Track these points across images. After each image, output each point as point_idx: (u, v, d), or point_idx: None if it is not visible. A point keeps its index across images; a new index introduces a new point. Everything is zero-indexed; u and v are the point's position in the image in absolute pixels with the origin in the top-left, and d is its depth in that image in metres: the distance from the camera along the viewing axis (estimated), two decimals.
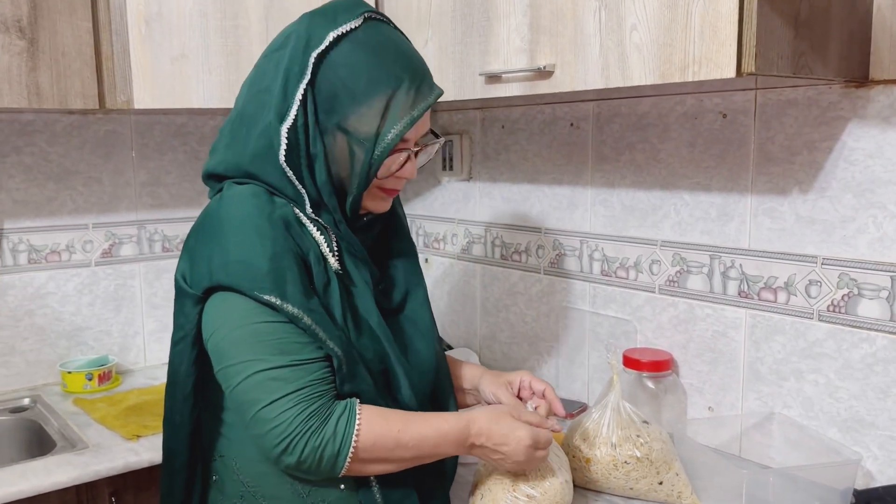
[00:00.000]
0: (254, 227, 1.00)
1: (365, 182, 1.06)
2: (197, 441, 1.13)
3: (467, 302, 2.02)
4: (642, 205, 1.57)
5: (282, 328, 0.99)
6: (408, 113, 1.04)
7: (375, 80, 1.03)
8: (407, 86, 1.04)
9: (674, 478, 1.25)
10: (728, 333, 1.44)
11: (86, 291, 1.95)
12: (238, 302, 0.99)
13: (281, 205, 1.04)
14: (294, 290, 0.99)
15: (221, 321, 1.01)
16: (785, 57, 1.06)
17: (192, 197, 2.08)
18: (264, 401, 0.98)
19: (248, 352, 0.99)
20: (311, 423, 0.97)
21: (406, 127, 1.04)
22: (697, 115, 1.46)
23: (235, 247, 1.00)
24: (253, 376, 0.98)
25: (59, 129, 1.89)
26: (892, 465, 1.25)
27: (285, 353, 0.99)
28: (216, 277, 1.00)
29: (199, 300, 1.03)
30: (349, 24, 1.04)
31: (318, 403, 0.99)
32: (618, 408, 1.27)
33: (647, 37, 1.13)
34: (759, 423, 1.40)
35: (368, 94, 1.03)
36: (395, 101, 1.03)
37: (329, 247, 1.07)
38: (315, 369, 1.00)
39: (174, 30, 1.62)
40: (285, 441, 0.97)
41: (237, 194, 1.04)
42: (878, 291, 1.24)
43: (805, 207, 1.32)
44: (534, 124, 1.78)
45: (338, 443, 0.98)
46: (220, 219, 1.03)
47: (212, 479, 1.14)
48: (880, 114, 1.22)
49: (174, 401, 1.11)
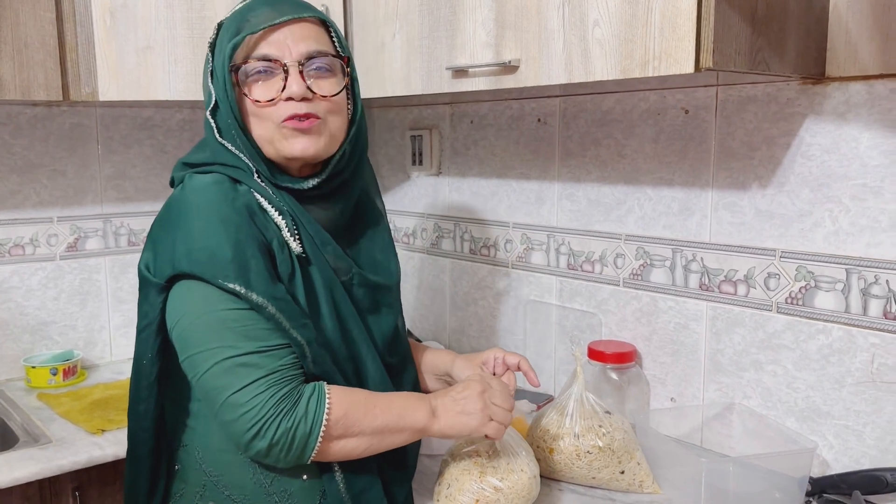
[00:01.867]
0: (217, 214, 1.00)
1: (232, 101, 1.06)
2: (161, 430, 1.12)
3: (437, 296, 2.03)
4: (607, 199, 1.59)
5: (247, 315, 0.99)
6: (247, 28, 1.05)
7: (235, 15, 1.08)
8: (258, 8, 1.07)
9: (635, 467, 1.27)
10: (690, 326, 1.47)
11: (50, 285, 1.93)
12: (202, 290, 0.99)
13: (244, 192, 1.05)
14: (258, 278, 0.99)
15: (186, 309, 1.01)
16: (742, 53, 1.09)
17: (158, 190, 2.06)
18: (235, 386, 0.98)
19: (214, 339, 0.99)
20: (282, 406, 0.98)
21: (240, 35, 1.05)
22: (660, 112, 1.48)
23: (199, 234, 0.99)
24: (221, 363, 0.98)
25: (24, 122, 1.87)
26: (846, 454, 1.28)
27: (252, 340, 0.99)
28: (179, 265, 1.00)
29: (162, 289, 1.03)
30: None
31: (288, 387, 0.99)
32: (581, 399, 1.29)
33: (609, 32, 1.15)
34: (720, 413, 1.43)
35: (231, 29, 1.07)
36: (245, 24, 1.06)
37: (290, 230, 1.06)
38: (283, 355, 1.01)
39: (140, 21, 1.61)
40: (257, 425, 0.97)
41: (199, 182, 1.05)
42: (834, 284, 1.27)
43: (764, 202, 1.35)
44: (502, 119, 1.79)
45: (309, 421, 0.99)
46: (182, 207, 1.03)
47: (174, 468, 1.14)
48: (836, 110, 1.25)
49: (138, 389, 1.10)
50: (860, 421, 1.26)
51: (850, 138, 1.24)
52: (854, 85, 1.22)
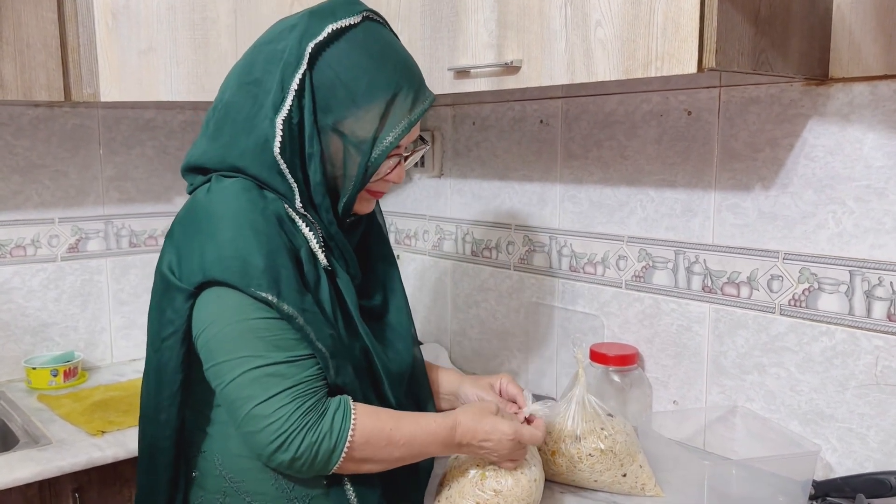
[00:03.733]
0: (248, 222, 0.99)
1: (360, 184, 1.06)
2: (181, 438, 1.10)
3: (438, 298, 2.03)
4: (609, 201, 1.59)
5: (276, 324, 0.98)
6: (405, 118, 1.05)
7: (376, 83, 1.03)
8: (405, 91, 1.05)
9: (637, 470, 1.26)
10: (692, 328, 1.46)
11: (52, 287, 1.93)
12: (233, 297, 0.98)
13: (272, 200, 1.03)
14: (289, 288, 0.98)
15: (215, 317, 0.99)
16: (745, 53, 1.08)
17: (159, 192, 2.06)
18: (260, 397, 0.97)
19: (243, 348, 0.98)
20: (308, 419, 0.97)
21: (404, 132, 1.05)
22: (663, 113, 1.48)
23: (230, 242, 0.98)
24: (248, 372, 0.97)
25: (25, 122, 1.87)
26: (850, 457, 1.27)
27: (281, 350, 0.98)
28: (210, 272, 0.98)
29: (190, 295, 1.01)
30: (348, 20, 1.05)
31: (313, 399, 0.99)
32: (583, 401, 1.28)
33: (612, 33, 1.14)
34: (723, 416, 1.42)
35: (368, 98, 1.03)
36: (394, 107, 1.04)
37: (318, 243, 1.06)
38: (309, 365, 1.00)
39: (142, 23, 1.61)
40: (281, 437, 0.96)
41: (228, 188, 1.02)
42: (838, 286, 1.27)
43: (767, 203, 1.34)
44: (504, 121, 1.79)
45: (334, 438, 0.98)
46: (211, 212, 1.01)
47: (192, 475, 1.12)
48: (839, 111, 1.24)
49: (160, 399, 1.07)
50: (864, 424, 1.25)
51: (853, 139, 1.23)
52: (858, 86, 1.22)
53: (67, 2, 1.59)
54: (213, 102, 1.11)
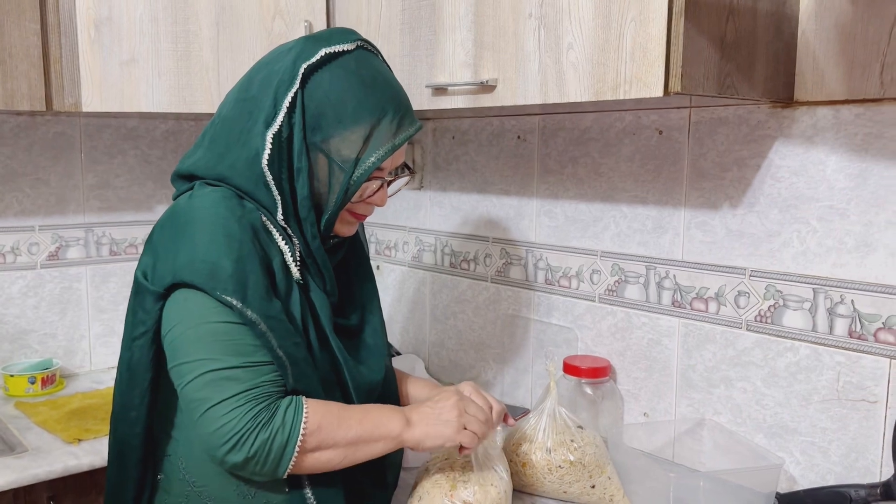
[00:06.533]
0: (223, 228, 1.02)
1: (341, 203, 1.10)
2: (150, 438, 1.13)
3: (417, 309, 2.05)
4: (584, 216, 1.62)
5: (238, 330, 1.01)
6: (389, 141, 1.09)
7: (363, 106, 1.07)
8: (391, 117, 1.09)
9: (606, 481, 1.29)
10: (662, 341, 1.49)
11: (31, 294, 1.93)
12: (199, 300, 1.01)
13: (250, 210, 1.06)
14: (255, 294, 1.01)
15: (180, 318, 1.02)
16: (711, 78, 1.11)
17: (140, 200, 2.07)
18: (214, 399, 0.99)
19: (202, 350, 1.00)
20: (259, 418, 0.99)
21: (386, 154, 1.08)
22: (636, 131, 1.51)
23: (202, 246, 1.01)
24: (204, 375, 1.00)
25: (7, 131, 1.87)
26: (813, 470, 1.30)
27: (239, 355, 1.00)
28: (180, 275, 1.01)
29: (160, 297, 1.04)
30: (342, 46, 1.09)
31: (266, 402, 1.01)
32: (553, 413, 1.31)
33: (583, 56, 1.18)
34: (691, 428, 1.45)
35: (354, 119, 1.07)
36: (378, 130, 1.08)
37: (293, 256, 1.09)
38: (266, 371, 1.02)
39: (124, 34, 1.62)
40: (234, 438, 0.98)
41: (208, 196, 1.05)
42: (802, 303, 1.30)
43: (734, 221, 1.37)
44: (483, 136, 1.82)
45: (287, 431, 1.00)
46: (189, 218, 1.04)
47: (158, 478, 1.14)
48: (804, 133, 1.28)
49: (131, 397, 1.10)
50: (826, 438, 1.28)
51: (817, 161, 1.27)
52: (821, 109, 1.26)
53: (50, 12, 1.61)
54: (213, 117, 1.15)
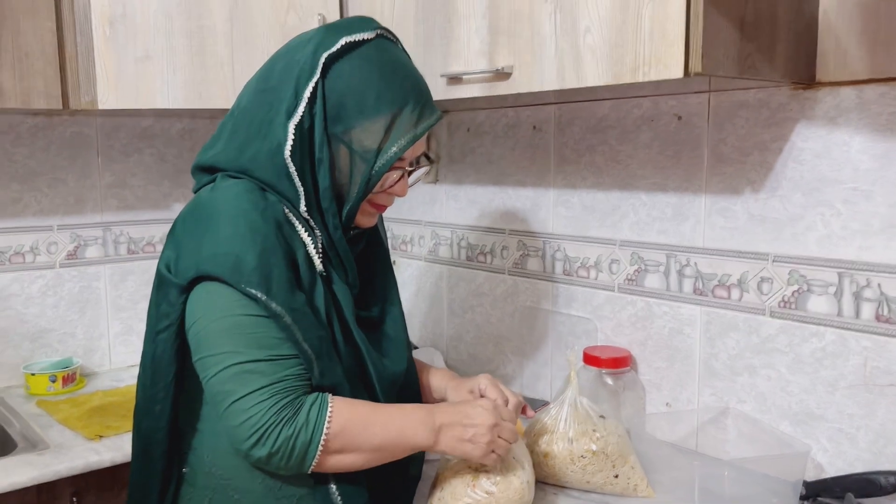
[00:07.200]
0: (247, 221, 1.01)
1: (363, 193, 1.09)
2: (175, 431, 1.12)
3: (434, 303, 2.04)
4: (602, 205, 1.60)
5: (262, 322, 1.00)
6: (410, 131, 1.08)
7: (384, 96, 1.06)
8: (412, 106, 1.08)
9: (629, 471, 1.27)
10: (684, 330, 1.48)
11: (50, 293, 1.94)
12: (223, 292, 1.00)
13: (273, 202, 1.05)
14: (279, 287, 1.00)
15: (204, 311, 1.02)
16: (731, 58, 1.10)
17: (157, 199, 2.08)
18: (238, 393, 0.99)
19: (227, 343, 1.00)
20: (283, 414, 0.99)
21: (408, 144, 1.08)
22: (654, 118, 1.49)
23: (226, 239, 1.00)
24: (229, 368, 0.99)
25: (24, 131, 1.88)
26: (840, 457, 1.28)
27: (263, 348, 1.00)
28: (203, 267, 1.01)
29: (183, 289, 1.03)
30: (362, 35, 1.08)
31: (291, 397, 1.00)
32: (575, 403, 1.29)
33: (600, 38, 1.16)
34: (715, 417, 1.43)
35: (376, 110, 1.06)
36: (399, 120, 1.07)
37: (316, 248, 1.08)
38: (291, 365, 1.01)
39: (139, 31, 1.63)
40: (258, 433, 0.97)
41: (231, 188, 1.05)
42: (826, 287, 1.28)
43: (756, 206, 1.35)
44: (498, 127, 1.81)
45: (310, 430, 0.99)
46: (212, 210, 1.04)
47: (183, 471, 1.14)
48: (827, 115, 1.26)
49: (155, 391, 1.09)
50: (853, 424, 1.26)
51: (840, 143, 1.25)
52: (844, 90, 1.23)
53: (65, 10, 1.61)
54: (231, 108, 1.14)
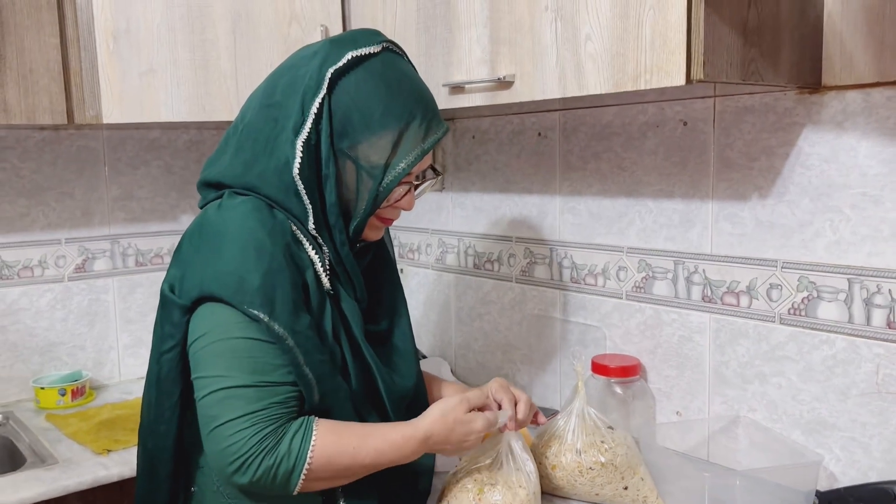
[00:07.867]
0: (253, 241, 1.00)
1: (371, 209, 1.08)
2: (181, 451, 1.12)
3: (442, 311, 2.03)
4: (608, 212, 1.59)
5: (259, 347, 0.99)
6: (418, 146, 1.07)
7: (390, 111, 1.05)
8: (419, 121, 1.07)
9: (639, 482, 1.26)
10: (693, 338, 1.46)
11: (59, 307, 1.95)
12: (225, 313, 0.99)
13: (282, 220, 1.04)
14: (283, 309, 0.99)
15: (204, 331, 1.01)
16: (734, 64, 1.08)
17: (165, 211, 2.09)
18: (222, 418, 0.98)
19: (219, 366, 0.99)
20: (265, 444, 0.97)
21: (416, 160, 1.07)
22: (659, 124, 1.48)
23: (231, 259, 1.00)
24: (217, 392, 0.98)
25: (31, 145, 1.89)
26: (853, 466, 1.26)
27: (254, 373, 0.99)
28: (207, 287, 1.00)
29: (187, 310, 1.03)
30: (368, 49, 1.07)
31: (273, 426, 0.99)
32: (582, 414, 1.28)
33: (601, 46, 1.15)
34: (726, 426, 1.41)
35: (383, 125, 1.05)
36: (406, 135, 1.06)
37: (323, 266, 1.07)
38: (280, 392, 1.00)
39: (142, 45, 1.63)
40: (238, 461, 0.97)
41: (239, 206, 1.04)
42: (837, 294, 1.26)
43: (764, 212, 1.34)
44: (503, 135, 1.80)
45: (292, 460, 0.98)
46: (218, 230, 1.03)
47: (191, 490, 1.13)
48: (834, 119, 1.24)
49: (161, 410, 1.09)
50: (866, 433, 1.24)
51: (848, 147, 1.23)
52: (851, 94, 1.22)
53: (69, 25, 1.62)
54: (234, 122, 1.13)
